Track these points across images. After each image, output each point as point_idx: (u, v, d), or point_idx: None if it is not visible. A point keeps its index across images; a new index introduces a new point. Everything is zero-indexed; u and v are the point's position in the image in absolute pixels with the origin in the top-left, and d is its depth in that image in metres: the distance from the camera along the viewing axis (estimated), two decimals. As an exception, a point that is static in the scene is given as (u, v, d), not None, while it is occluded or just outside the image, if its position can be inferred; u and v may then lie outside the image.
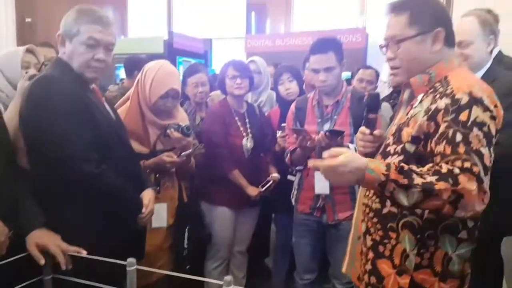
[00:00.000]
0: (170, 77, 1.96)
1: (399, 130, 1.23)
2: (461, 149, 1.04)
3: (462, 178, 1.00)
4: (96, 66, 1.48)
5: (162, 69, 1.96)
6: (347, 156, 1.06)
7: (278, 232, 2.74)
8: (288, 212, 2.31)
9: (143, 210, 1.59)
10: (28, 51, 1.94)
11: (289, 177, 2.38)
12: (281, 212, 2.56)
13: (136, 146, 1.84)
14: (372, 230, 1.28)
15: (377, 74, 3.27)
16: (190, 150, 1.98)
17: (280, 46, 6.95)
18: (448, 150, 1.06)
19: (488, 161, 1.05)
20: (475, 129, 1.06)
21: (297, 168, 2.20)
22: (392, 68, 1.29)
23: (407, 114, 1.25)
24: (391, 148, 1.24)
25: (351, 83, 3.16)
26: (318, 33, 6.83)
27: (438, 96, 1.15)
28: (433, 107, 1.13)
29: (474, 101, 1.08)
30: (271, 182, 2.39)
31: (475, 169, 1.02)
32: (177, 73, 2.04)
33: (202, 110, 2.75)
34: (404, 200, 1.04)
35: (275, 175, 2.43)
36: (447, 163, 1.05)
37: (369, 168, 1.05)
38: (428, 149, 1.14)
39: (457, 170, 1.02)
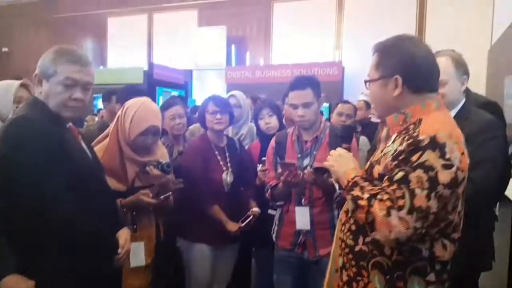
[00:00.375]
0: (151, 114, 1.95)
1: (371, 167, 1.28)
2: (393, 185, 1.11)
3: (376, 204, 1.12)
4: (73, 105, 1.48)
5: (143, 106, 1.95)
6: (346, 155, 1.33)
7: (258, 269, 2.69)
8: (268, 248, 2.28)
9: (119, 250, 1.56)
10: (22, 85, 1.93)
11: (270, 211, 2.38)
12: (261, 248, 2.53)
13: (114, 184, 1.82)
14: (347, 265, 1.30)
15: (355, 108, 3.41)
16: (170, 192, 1.95)
17: (260, 77, 7.11)
18: (386, 183, 1.14)
19: (419, 203, 1.07)
20: (418, 170, 1.08)
21: (278, 203, 2.20)
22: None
23: (381, 151, 1.29)
24: None
25: (329, 115, 3.26)
26: (296, 66, 7.07)
27: (406, 138, 1.18)
28: (400, 148, 1.17)
29: (432, 145, 1.09)
30: (251, 217, 2.37)
31: (387, 202, 1.10)
32: (157, 110, 2.04)
33: (179, 144, 2.74)
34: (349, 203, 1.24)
35: (255, 209, 2.41)
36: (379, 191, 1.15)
37: (344, 172, 1.29)
38: None
39: (379, 196, 1.12)
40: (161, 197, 1.91)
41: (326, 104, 4.46)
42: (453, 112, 1.80)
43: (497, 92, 3.42)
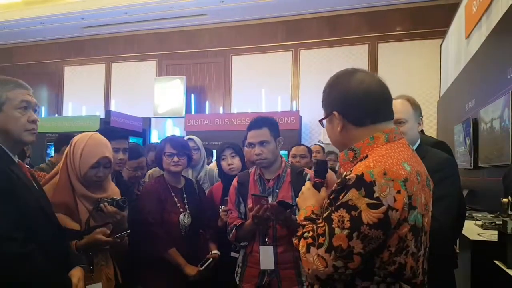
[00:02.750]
0: (101, 146, 1.88)
1: (325, 206, 1.24)
2: (321, 222, 1.12)
3: (301, 242, 1.15)
4: (32, 127, 1.49)
5: (92, 138, 1.89)
6: (307, 192, 1.34)
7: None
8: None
9: None
10: None
11: (233, 254, 2.30)
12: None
13: (68, 223, 1.72)
14: None
15: (309, 150, 3.53)
16: (128, 231, 1.85)
17: (219, 125, 7.17)
18: (319, 221, 1.15)
19: (338, 242, 1.04)
20: (341, 210, 1.06)
21: (242, 244, 2.14)
22: None
23: None
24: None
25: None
26: (255, 114, 7.13)
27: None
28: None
29: (358, 184, 1.05)
30: (210, 260, 2.28)
31: (309, 240, 1.11)
32: (107, 142, 1.95)
33: (134, 187, 2.68)
34: None
35: (215, 252, 2.33)
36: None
37: (300, 210, 1.31)
38: None
39: (305, 234, 1.14)
40: (117, 235, 1.80)
41: (284, 152, 4.56)
42: None
43: (447, 139, 3.66)
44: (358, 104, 1.19)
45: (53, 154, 6.23)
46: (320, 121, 1.31)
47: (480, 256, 2.28)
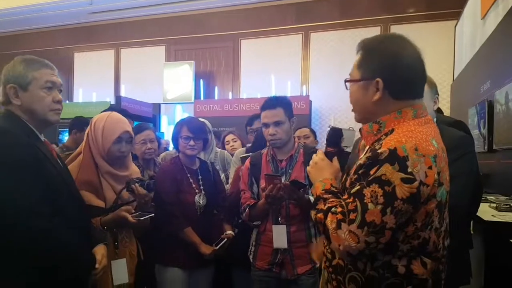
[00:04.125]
0: (121, 122, 1.95)
1: (345, 179, 1.24)
2: (349, 197, 1.09)
3: (329, 217, 1.11)
4: (57, 107, 1.52)
5: (111, 116, 1.96)
6: (322, 163, 1.30)
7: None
8: (246, 269, 2.21)
9: (97, 265, 1.51)
10: None
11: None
12: (238, 269, 2.45)
13: (93, 200, 1.77)
14: (329, 279, 1.25)
15: (313, 131, 3.62)
16: (151, 214, 1.88)
17: (228, 111, 7.15)
18: (345, 196, 1.12)
19: (371, 217, 1.03)
20: (374, 185, 1.04)
21: (255, 223, 2.15)
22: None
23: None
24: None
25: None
26: (264, 99, 7.11)
27: (369, 150, 1.14)
28: (361, 161, 1.13)
29: (391, 158, 1.03)
30: (225, 240, 2.30)
31: (339, 215, 1.08)
32: (125, 119, 2.02)
33: (150, 168, 2.69)
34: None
35: (229, 232, 2.36)
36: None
37: (314, 184, 1.28)
38: None
39: (333, 209, 1.11)
40: (142, 218, 1.82)
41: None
42: None
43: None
44: (407, 76, 1.15)
45: (65, 140, 6.32)
46: (349, 81, 1.22)
47: (495, 236, 2.27)
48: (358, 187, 1.07)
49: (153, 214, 1.87)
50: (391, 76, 1.13)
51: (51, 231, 1.35)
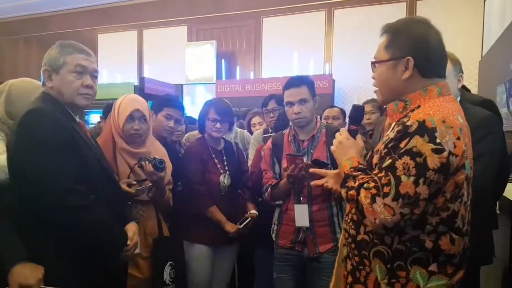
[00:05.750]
0: (134, 101, 2.04)
1: (371, 156, 1.27)
2: (381, 172, 1.11)
3: (362, 192, 1.12)
4: (86, 92, 1.54)
5: (128, 96, 2.08)
6: (347, 142, 1.32)
7: (258, 268, 2.66)
8: (268, 248, 2.27)
9: (128, 242, 1.58)
10: None
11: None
12: (260, 247, 2.52)
13: None
14: (351, 255, 1.29)
15: (343, 112, 3.38)
16: (148, 186, 1.96)
17: (250, 91, 7.13)
18: (376, 171, 1.15)
19: (405, 189, 1.06)
20: (405, 157, 1.07)
21: (277, 203, 2.19)
22: (375, 87, 1.32)
23: (383, 141, 1.29)
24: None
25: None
26: (286, 79, 7.02)
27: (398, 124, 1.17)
28: (391, 135, 1.16)
29: (421, 130, 1.07)
30: (249, 219, 2.36)
31: (373, 190, 1.10)
32: (142, 100, 2.08)
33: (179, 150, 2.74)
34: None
35: (253, 211, 2.41)
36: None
37: (341, 163, 1.29)
38: None
39: (365, 185, 1.13)
40: (139, 188, 1.92)
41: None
42: None
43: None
44: (434, 55, 1.22)
45: (90, 121, 6.48)
46: (377, 62, 1.26)
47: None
48: (390, 160, 1.10)
49: (150, 185, 1.95)
50: (420, 54, 1.19)
51: (87, 207, 1.40)
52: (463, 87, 2.06)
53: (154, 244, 2.00)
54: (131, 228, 1.64)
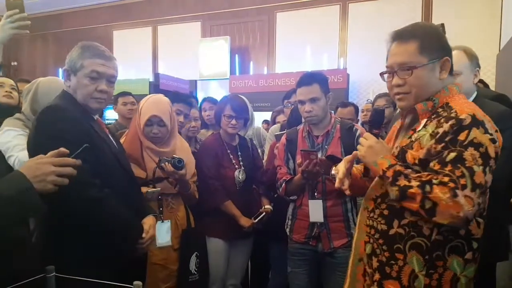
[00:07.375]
0: (154, 104, 2.06)
1: (403, 152, 1.28)
2: (448, 166, 1.13)
3: (436, 188, 1.11)
4: (99, 97, 1.57)
5: (150, 98, 2.11)
6: (377, 146, 1.31)
7: (272, 262, 2.69)
8: (282, 242, 2.29)
9: (143, 235, 1.61)
10: None
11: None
12: (275, 242, 2.55)
13: (135, 170, 1.89)
14: (378, 251, 1.30)
15: (356, 108, 3.32)
16: (157, 189, 2.00)
17: (264, 86, 7.14)
18: (437, 166, 1.16)
19: (479, 179, 1.11)
20: (470, 148, 1.12)
21: (291, 198, 2.21)
22: (399, 93, 1.32)
23: (409, 137, 1.30)
24: None
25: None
26: (300, 74, 6.96)
27: (443, 120, 1.20)
28: (440, 130, 1.18)
29: (476, 123, 1.14)
30: (263, 214, 2.39)
31: (450, 184, 1.10)
32: (163, 102, 2.10)
33: (191, 145, 2.77)
34: (391, 193, 1.22)
35: (267, 206, 2.44)
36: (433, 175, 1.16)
37: (375, 162, 1.27)
38: None
39: (435, 181, 1.12)
40: (149, 190, 1.97)
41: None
42: None
43: (507, 95, 3.42)
44: (452, 55, 1.31)
45: (106, 116, 6.58)
46: (418, 67, 1.26)
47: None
48: (455, 153, 1.14)
49: (158, 189, 2.00)
50: (450, 54, 1.29)
51: (102, 200, 1.45)
52: (481, 81, 2.04)
53: (182, 235, 2.08)
54: (148, 221, 1.68)
